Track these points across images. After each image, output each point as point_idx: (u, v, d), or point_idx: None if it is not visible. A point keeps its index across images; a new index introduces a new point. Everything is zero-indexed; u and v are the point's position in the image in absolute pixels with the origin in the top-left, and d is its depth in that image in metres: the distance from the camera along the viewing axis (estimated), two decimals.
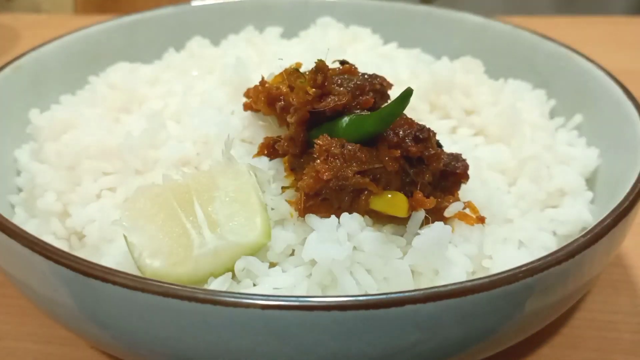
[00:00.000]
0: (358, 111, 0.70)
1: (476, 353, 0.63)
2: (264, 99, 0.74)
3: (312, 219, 0.66)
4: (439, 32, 1.12)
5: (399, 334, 0.54)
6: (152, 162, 0.77)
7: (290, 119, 0.70)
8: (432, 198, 0.67)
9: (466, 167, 0.70)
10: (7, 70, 0.89)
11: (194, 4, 1.14)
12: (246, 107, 0.79)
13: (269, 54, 0.99)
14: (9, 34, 1.59)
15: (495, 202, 0.73)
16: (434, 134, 0.68)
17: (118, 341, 0.61)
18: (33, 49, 0.95)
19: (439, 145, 0.70)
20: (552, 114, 0.97)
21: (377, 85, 0.72)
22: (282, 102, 0.72)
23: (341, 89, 0.70)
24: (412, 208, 0.66)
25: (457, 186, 0.71)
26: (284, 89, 0.72)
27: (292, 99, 0.69)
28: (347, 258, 0.63)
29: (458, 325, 0.55)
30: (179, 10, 1.11)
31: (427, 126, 0.67)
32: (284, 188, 0.71)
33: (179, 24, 1.11)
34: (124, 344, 0.61)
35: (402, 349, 0.56)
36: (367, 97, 0.70)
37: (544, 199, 0.79)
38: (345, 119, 0.69)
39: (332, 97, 0.69)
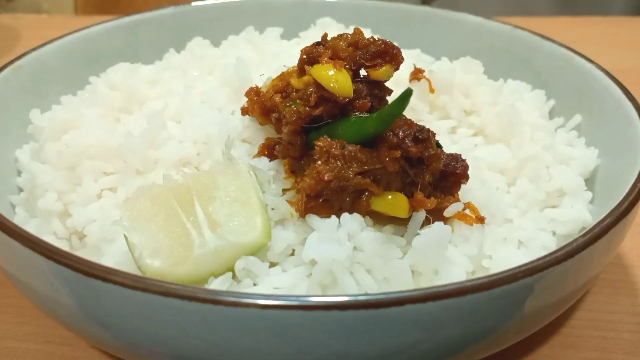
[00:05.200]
0: (357, 113, 0.70)
1: (476, 353, 0.63)
2: (259, 110, 0.74)
3: (313, 219, 0.66)
4: (438, 32, 1.12)
5: (398, 334, 0.54)
6: (152, 162, 0.77)
7: (284, 129, 0.70)
8: (432, 198, 0.67)
9: (466, 167, 0.70)
10: (7, 70, 0.89)
11: (194, 4, 1.14)
12: (244, 111, 0.79)
13: (269, 55, 0.99)
14: (9, 34, 1.59)
15: (495, 202, 0.73)
16: (434, 134, 0.68)
17: (118, 341, 0.61)
18: (33, 49, 0.95)
19: (439, 146, 0.70)
20: (552, 114, 0.97)
21: (375, 90, 0.72)
22: (277, 114, 0.72)
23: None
24: (413, 208, 0.67)
25: (457, 186, 0.71)
26: (278, 99, 0.72)
27: (284, 116, 0.70)
28: (347, 258, 0.63)
29: (458, 325, 0.55)
30: (179, 10, 1.12)
31: (427, 126, 0.68)
32: (284, 190, 0.71)
33: (179, 25, 1.11)
34: (124, 343, 0.61)
35: (402, 349, 0.56)
36: (364, 100, 0.70)
37: (544, 199, 0.79)
38: (345, 121, 0.69)
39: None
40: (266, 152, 0.74)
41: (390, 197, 0.66)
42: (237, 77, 0.86)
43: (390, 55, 0.71)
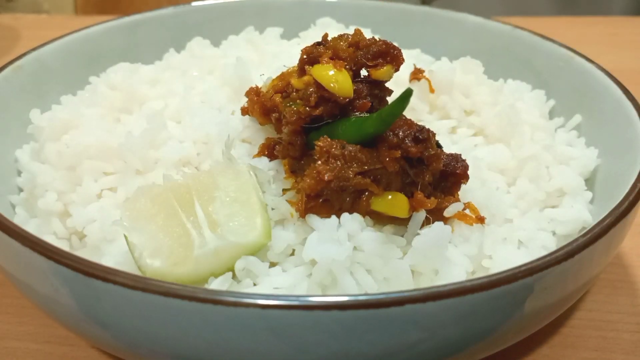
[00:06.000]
0: (357, 113, 0.70)
1: (476, 352, 0.63)
2: (259, 110, 0.74)
3: (313, 218, 0.66)
4: (438, 32, 1.12)
5: (398, 334, 0.54)
6: (152, 162, 0.77)
7: (284, 129, 0.70)
8: (432, 198, 0.67)
9: (466, 167, 0.70)
10: (7, 70, 0.89)
11: (194, 4, 1.14)
12: (244, 111, 0.79)
13: (269, 55, 0.99)
14: (9, 34, 1.59)
15: (495, 202, 0.73)
16: (434, 134, 0.68)
17: (118, 341, 0.61)
18: (33, 49, 0.95)
19: (439, 146, 0.70)
20: (552, 114, 0.97)
21: (375, 90, 0.72)
22: (277, 114, 0.72)
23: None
24: (413, 208, 0.67)
25: (457, 186, 0.71)
26: (278, 99, 0.72)
27: (284, 116, 0.70)
28: (347, 258, 0.63)
29: (458, 325, 0.55)
30: (179, 10, 1.12)
31: (427, 126, 0.68)
32: (284, 190, 0.71)
33: (179, 25, 1.11)
34: (124, 343, 0.61)
35: (402, 349, 0.56)
36: (364, 100, 0.70)
37: (544, 199, 0.79)
38: (345, 121, 0.69)
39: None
40: (266, 152, 0.74)
41: (390, 197, 0.66)
42: (237, 77, 0.86)
43: (391, 56, 0.71)
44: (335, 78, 0.68)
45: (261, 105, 0.74)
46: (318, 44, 0.72)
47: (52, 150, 0.79)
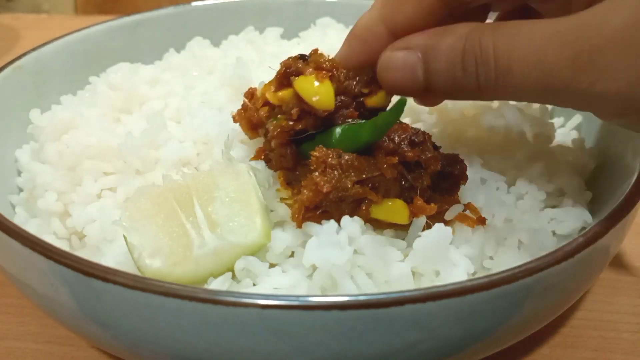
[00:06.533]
0: (350, 120, 0.68)
1: (476, 353, 0.63)
2: (247, 125, 0.74)
3: (311, 226, 0.65)
4: None
5: (398, 334, 0.54)
6: (152, 163, 0.77)
7: (272, 143, 0.69)
8: (432, 205, 0.66)
9: (464, 168, 0.70)
10: (7, 70, 0.89)
11: (194, 4, 1.14)
12: (235, 120, 0.77)
13: (269, 55, 0.99)
14: (9, 34, 1.60)
15: (495, 203, 0.73)
16: (429, 136, 0.67)
17: (118, 341, 0.61)
18: (33, 49, 0.95)
19: (435, 147, 0.69)
20: (552, 114, 0.97)
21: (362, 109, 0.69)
22: (264, 129, 0.71)
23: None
24: (413, 215, 0.66)
25: (456, 188, 0.71)
26: (263, 113, 0.71)
27: (268, 130, 0.69)
28: (348, 262, 0.63)
29: (458, 325, 0.55)
30: (179, 10, 1.12)
31: (425, 128, 0.67)
32: (282, 199, 0.70)
33: (179, 25, 1.11)
34: (124, 343, 0.61)
35: (402, 349, 0.56)
36: (350, 110, 0.68)
37: (544, 199, 0.79)
38: (338, 130, 0.67)
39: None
40: (263, 157, 0.73)
41: (390, 204, 0.65)
42: (237, 77, 0.86)
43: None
44: (317, 91, 0.65)
45: (248, 121, 0.73)
46: (300, 57, 0.70)
47: (52, 150, 0.79)
